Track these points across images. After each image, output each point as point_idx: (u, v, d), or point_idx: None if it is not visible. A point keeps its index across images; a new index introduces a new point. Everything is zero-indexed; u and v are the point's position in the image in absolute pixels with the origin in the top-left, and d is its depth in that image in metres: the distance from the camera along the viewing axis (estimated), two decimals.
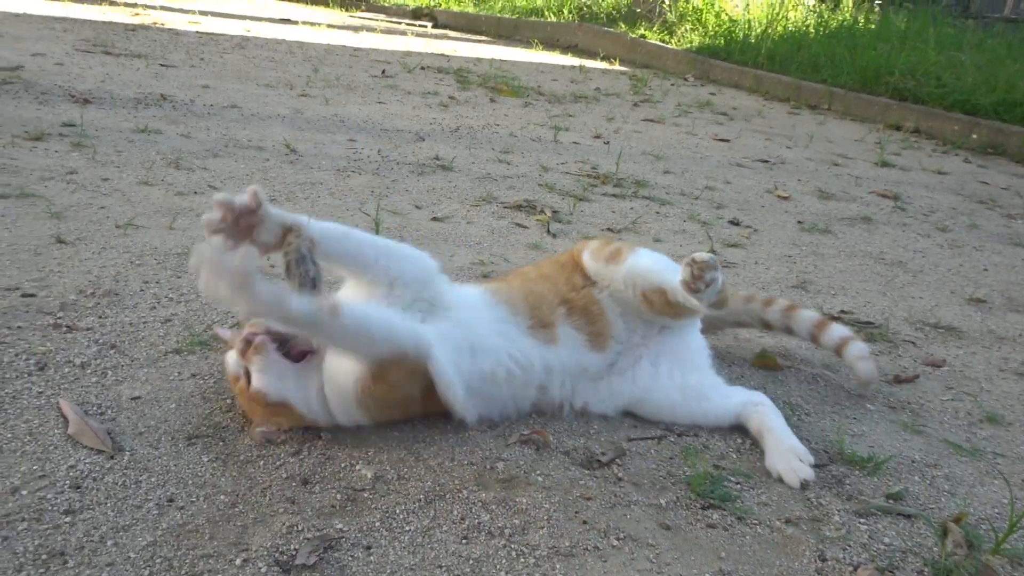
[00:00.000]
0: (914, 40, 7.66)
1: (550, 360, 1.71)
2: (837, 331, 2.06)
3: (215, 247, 1.42)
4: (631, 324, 1.82)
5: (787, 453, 1.65)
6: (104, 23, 7.16)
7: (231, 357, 1.61)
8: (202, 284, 1.35)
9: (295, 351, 1.59)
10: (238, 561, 1.28)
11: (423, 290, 1.65)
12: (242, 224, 1.51)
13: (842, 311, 2.58)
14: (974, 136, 6.07)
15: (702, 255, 1.62)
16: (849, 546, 1.45)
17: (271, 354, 1.56)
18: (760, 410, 1.76)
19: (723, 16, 9.56)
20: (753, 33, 8.89)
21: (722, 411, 1.79)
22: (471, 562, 1.33)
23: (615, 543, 1.40)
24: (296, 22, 9.61)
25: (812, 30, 8.79)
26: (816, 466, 1.66)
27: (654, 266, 1.77)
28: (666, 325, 1.83)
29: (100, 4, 8.45)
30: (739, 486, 1.60)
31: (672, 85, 7.84)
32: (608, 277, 1.81)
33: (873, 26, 8.70)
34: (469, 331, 1.64)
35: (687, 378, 1.80)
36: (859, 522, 1.51)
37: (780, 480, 1.62)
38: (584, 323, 1.77)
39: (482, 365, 1.63)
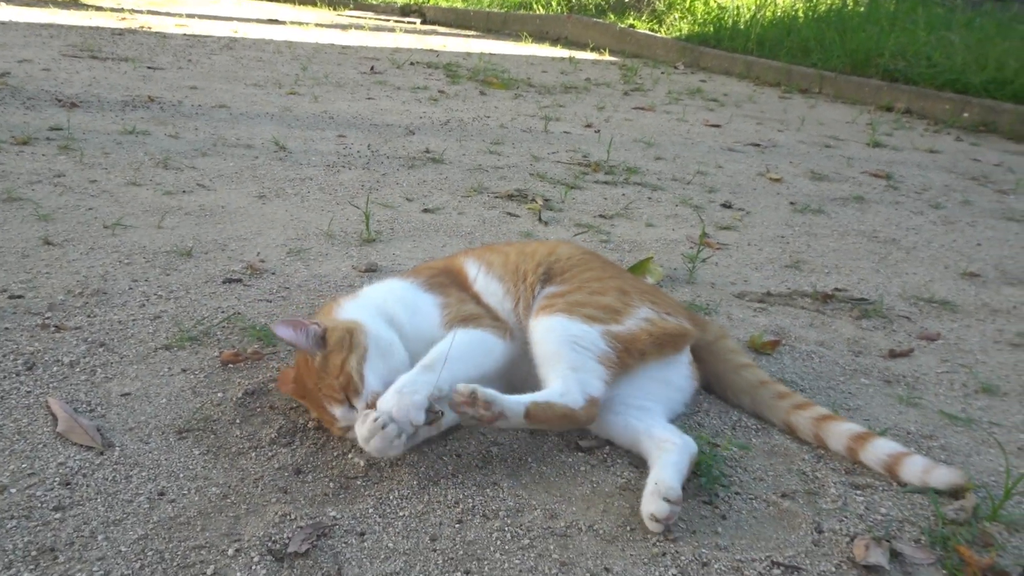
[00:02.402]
0: (903, 21, 7.64)
1: None
2: None
3: None
4: None
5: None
6: (91, 28, 7.13)
7: None
8: None
9: None
10: (230, 551, 1.27)
11: None
12: None
13: (836, 288, 2.57)
14: (965, 115, 6.05)
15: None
16: (846, 517, 1.44)
17: None
18: None
19: (711, 3, 9.53)
20: (742, 19, 8.87)
21: None
22: (466, 544, 1.32)
23: (612, 521, 1.39)
24: (284, 22, 9.57)
25: (801, 14, 8.76)
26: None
27: None
28: None
29: (87, 10, 8.42)
30: (735, 462, 1.59)
31: (662, 74, 7.82)
32: None
33: (862, 8, 8.67)
34: None
35: None
36: (855, 493, 1.51)
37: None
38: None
39: None
